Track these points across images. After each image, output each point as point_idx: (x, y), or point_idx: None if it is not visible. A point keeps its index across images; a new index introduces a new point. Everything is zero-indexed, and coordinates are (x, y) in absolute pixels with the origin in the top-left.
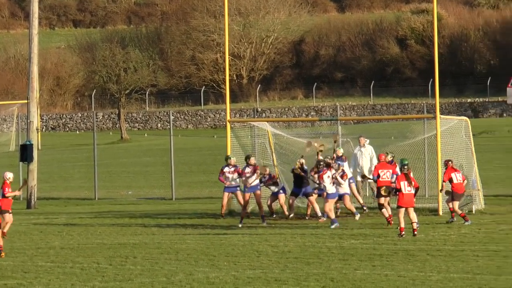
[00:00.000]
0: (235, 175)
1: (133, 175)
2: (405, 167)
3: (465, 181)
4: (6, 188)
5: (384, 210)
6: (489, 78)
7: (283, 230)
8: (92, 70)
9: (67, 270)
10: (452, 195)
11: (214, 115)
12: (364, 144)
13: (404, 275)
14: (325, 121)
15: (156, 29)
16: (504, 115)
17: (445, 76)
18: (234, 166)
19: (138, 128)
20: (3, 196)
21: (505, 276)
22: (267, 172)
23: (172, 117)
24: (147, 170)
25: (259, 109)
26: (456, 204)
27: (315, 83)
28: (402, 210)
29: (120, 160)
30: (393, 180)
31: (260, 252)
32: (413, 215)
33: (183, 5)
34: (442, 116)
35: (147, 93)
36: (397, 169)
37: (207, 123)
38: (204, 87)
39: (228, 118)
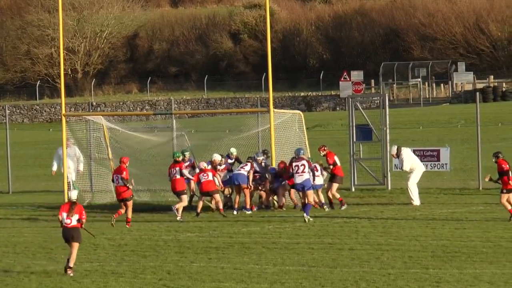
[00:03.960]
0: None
1: None
2: None
3: None
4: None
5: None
6: (322, 72)
7: (119, 223)
8: None
9: None
10: (333, 178)
11: (50, 109)
12: (70, 145)
13: (240, 268)
14: (160, 115)
15: None
16: (337, 108)
17: (278, 71)
18: (189, 160)
19: None
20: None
21: (340, 268)
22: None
23: (8, 111)
24: None
25: (94, 103)
26: (336, 187)
27: (149, 77)
28: None
29: None
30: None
31: (97, 245)
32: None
33: (17, 0)
34: (275, 110)
35: None
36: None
37: (43, 117)
38: (39, 81)
39: (64, 112)
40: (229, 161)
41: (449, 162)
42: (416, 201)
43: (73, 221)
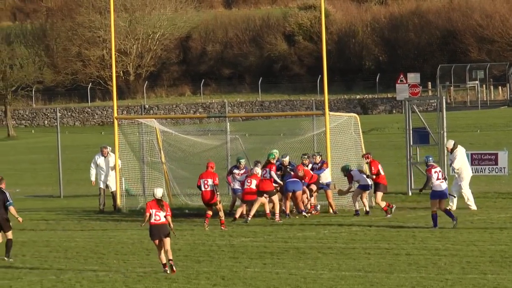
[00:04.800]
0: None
1: (21, 173)
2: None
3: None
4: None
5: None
6: (378, 74)
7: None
8: None
9: None
10: (377, 187)
11: (101, 112)
12: (108, 153)
13: (295, 273)
14: (213, 118)
15: (42, 26)
16: (394, 111)
17: (333, 73)
18: (244, 168)
19: (25, 125)
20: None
21: (396, 274)
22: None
23: (59, 114)
24: (34, 168)
25: (147, 106)
26: (380, 196)
27: (203, 80)
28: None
29: (7, 158)
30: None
31: (150, 250)
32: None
33: (68, 2)
34: (331, 112)
35: (34, 90)
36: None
37: (95, 120)
38: (90, 83)
39: (116, 115)
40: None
41: (507, 166)
42: (473, 205)
43: (162, 217)
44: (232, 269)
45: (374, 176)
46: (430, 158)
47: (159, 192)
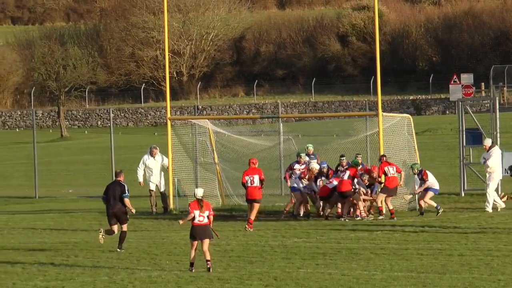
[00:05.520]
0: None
1: (74, 173)
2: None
3: (402, 174)
4: None
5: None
6: (431, 75)
7: (225, 228)
8: (31, 68)
9: (8, 269)
10: (382, 189)
11: (155, 112)
12: (157, 153)
13: (348, 274)
14: (266, 119)
15: (95, 26)
16: (447, 112)
17: (387, 73)
18: (304, 163)
19: (78, 126)
20: None
21: (449, 275)
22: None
23: (112, 115)
24: (87, 168)
25: (200, 107)
26: (382, 197)
27: (256, 80)
28: None
29: (60, 158)
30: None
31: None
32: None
33: (122, 2)
34: (384, 113)
35: (87, 90)
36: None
37: (148, 121)
38: (144, 84)
39: (169, 115)
40: (306, 158)
41: None
42: (489, 208)
43: (205, 218)
44: (285, 270)
45: (380, 178)
46: None
47: (199, 192)
